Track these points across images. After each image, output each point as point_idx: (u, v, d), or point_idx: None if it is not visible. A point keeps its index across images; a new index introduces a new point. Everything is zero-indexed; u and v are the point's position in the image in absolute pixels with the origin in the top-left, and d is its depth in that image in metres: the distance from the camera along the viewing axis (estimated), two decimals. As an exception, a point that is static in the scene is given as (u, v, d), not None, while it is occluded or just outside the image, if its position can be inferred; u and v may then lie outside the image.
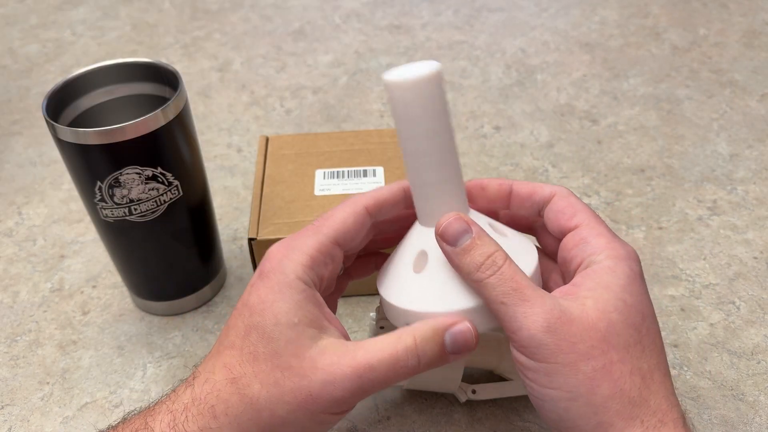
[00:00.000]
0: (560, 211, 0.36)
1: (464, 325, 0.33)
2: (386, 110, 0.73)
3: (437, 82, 0.33)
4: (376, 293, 0.38)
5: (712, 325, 0.49)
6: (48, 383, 0.48)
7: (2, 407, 0.46)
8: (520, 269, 0.32)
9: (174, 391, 0.35)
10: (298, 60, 0.83)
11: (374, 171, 0.53)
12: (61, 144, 0.42)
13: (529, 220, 0.40)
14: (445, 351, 0.33)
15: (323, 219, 0.36)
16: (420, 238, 0.36)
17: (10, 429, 0.45)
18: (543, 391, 0.31)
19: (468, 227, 0.33)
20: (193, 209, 0.48)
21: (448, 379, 0.41)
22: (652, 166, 0.64)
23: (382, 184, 0.52)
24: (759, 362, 0.47)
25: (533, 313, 0.31)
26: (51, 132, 0.42)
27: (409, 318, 0.35)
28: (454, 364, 0.38)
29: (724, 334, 0.49)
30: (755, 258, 0.54)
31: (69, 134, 0.41)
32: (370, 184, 0.52)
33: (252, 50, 0.85)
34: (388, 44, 0.85)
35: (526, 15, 0.89)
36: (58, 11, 0.95)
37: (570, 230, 0.35)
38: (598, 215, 0.36)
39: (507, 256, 0.33)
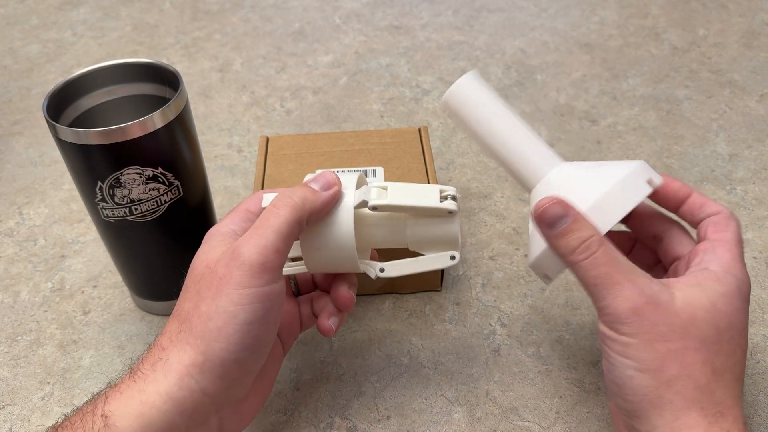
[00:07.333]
0: (717, 223, 0.38)
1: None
2: (386, 110, 0.73)
3: (472, 82, 0.40)
4: (376, 293, 0.40)
5: (711, 324, 0.50)
6: (49, 383, 0.48)
7: (3, 407, 0.46)
8: (617, 253, 0.35)
9: None
10: (298, 60, 0.83)
11: (374, 171, 0.54)
12: (62, 144, 0.42)
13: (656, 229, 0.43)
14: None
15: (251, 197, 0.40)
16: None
17: (10, 429, 0.45)
18: (616, 357, 0.34)
19: (566, 212, 0.36)
20: (194, 209, 0.48)
21: (344, 258, 0.40)
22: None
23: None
24: (758, 362, 0.47)
25: (621, 296, 0.34)
26: (52, 132, 0.42)
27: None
28: (344, 242, 0.39)
29: (723, 333, 0.49)
30: (754, 258, 0.55)
31: (70, 134, 0.41)
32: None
33: (252, 51, 0.85)
34: (388, 45, 0.85)
35: (525, 15, 0.89)
36: (59, 12, 0.95)
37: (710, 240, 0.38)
38: (742, 245, 0.37)
39: (603, 241, 0.35)
